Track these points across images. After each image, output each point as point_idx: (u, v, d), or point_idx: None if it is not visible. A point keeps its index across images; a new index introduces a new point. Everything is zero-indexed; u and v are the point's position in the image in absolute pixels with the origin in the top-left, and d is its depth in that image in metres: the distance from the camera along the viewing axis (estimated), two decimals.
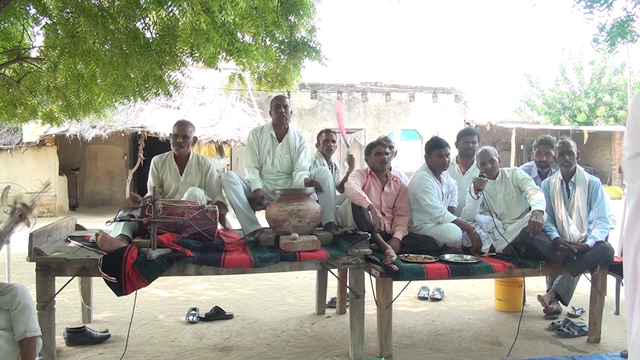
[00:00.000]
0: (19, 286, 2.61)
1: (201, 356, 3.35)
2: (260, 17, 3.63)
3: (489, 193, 3.91)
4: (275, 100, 4.06)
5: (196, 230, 3.29)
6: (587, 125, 17.49)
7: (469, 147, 4.33)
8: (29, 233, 3.04)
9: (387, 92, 16.63)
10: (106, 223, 3.21)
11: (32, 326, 2.55)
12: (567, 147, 3.82)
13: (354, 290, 3.29)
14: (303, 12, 4.09)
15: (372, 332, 3.60)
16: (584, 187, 3.78)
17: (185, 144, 3.92)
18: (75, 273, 3.06)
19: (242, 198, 3.70)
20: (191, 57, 4.08)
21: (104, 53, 3.87)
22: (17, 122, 5.91)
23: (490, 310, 4.47)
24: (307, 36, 4.35)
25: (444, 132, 14.19)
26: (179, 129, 3.93)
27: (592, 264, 3.53)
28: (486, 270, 3.37)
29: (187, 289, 5.17)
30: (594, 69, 18.63)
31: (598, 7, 3.45)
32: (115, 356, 3.28)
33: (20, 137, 11.77)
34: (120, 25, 3.76)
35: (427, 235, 3.76)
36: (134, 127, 11.66)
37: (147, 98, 4.59)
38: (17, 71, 4.99)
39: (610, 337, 3.73)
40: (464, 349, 3.54)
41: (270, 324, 4.03)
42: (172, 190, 3.96)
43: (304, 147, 4.09)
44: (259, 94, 13.77)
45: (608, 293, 3.89)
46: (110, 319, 4.10)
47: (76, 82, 4.43)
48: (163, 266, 3.00)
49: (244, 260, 3.13)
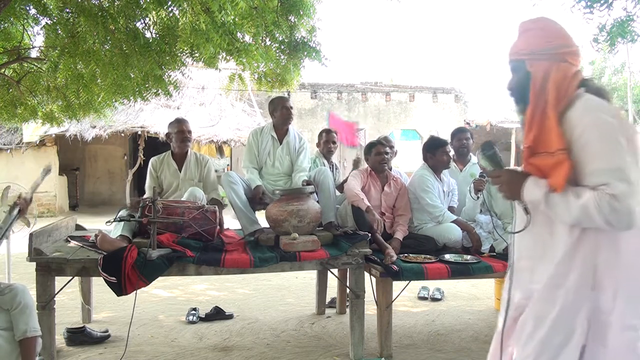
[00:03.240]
0: (20, 286, 2.61)
1: (201, 356, 3.35)
2: (260, 17, 3.63)
3: (490, 193, 3.92)
4: (281, 101, 4.03)
5: (196, 230, 3.29)
6: None
7: (463, 144, 4.38)
8: (29, 233, 3.05)
9: (387, 92, 16.62)
10: (106, 223, 3.21)
11: (33, 326, 2.55)
12: None
13: (354, 290, 3.29)
14: (303, 12, 4.10)
15: (372, 332, 3.60)
16: None
17: (190, 138, 4.02)
18: (75, 273, 3.05)
19: (242, 198, 3.70)
20: (191, 57, 4.08)
21: (104, 53, 3.87)
22: (17, 122, 5.91)
23: (490, 310, 4.46)
24: (307, 36, 4.36)
25: (444, 132, 14.18)
26: (183, 125, 3.99)
27: None
28: (486, 270, 3.37)
29: (187, 289, 5.17)
30: (594, 69, 18.66)
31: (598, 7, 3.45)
32: (115, 356, 3.28)
33: (20, 137, 11.76)
34: (120, 25, 3.76)
35: (427, 235, 3.75)
36: (134, 127, 11.66)
37: (147, 98, 4.59)
38: (17, 71, 4.99)
39: None
40: (464, 349, 3.54)
41: (270, 324, 4.03)
42: (173, 188, 3.99)
43: (304, 147, 4.09)
44: (259, 94, 13.77)
45: None
46: (110, 319, 4.10)
47: (76, 82, 4.43)
48: (163, 266, 3.00)
49: (244, 260, 3.12)
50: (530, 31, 1.62)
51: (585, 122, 1.46)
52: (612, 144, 1.42)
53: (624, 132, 1.45)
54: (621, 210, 1.37)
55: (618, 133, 1.43)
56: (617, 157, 1.41)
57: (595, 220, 1.40)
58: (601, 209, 1.38)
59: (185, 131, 3.97)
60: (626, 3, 3.56)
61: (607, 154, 1.42)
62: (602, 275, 1.46)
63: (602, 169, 1.41)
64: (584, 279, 1.46)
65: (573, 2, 3.49)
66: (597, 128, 1.45)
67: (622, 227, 1.40)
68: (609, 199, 1.38)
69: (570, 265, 1.47)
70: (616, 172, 1.39)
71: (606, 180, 1.39)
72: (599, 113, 1.46)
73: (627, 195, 1.37)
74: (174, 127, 4.00)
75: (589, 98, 1.51)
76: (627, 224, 1.39)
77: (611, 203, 1.37)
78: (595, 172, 1.43)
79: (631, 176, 1.39)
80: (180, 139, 3.96)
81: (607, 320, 1.45)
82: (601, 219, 1.39)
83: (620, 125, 1.45)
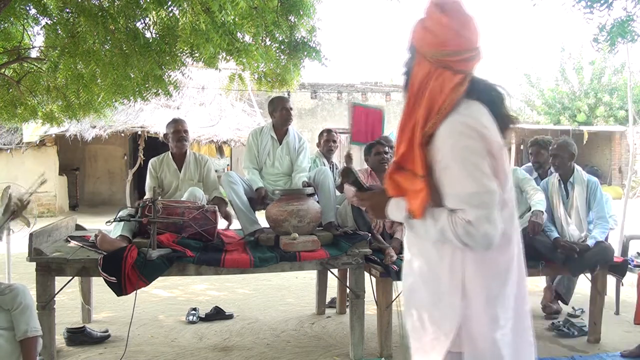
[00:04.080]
0: (20, 286, 2.61)
1: (201, 356, 3.35)
2: (260, 17, 3.63)
3: None
4: (280, 102, 4.02)
5: (196, 230, 3.29)
6: (587, 125, 17.47)
7: None
8: (29, 233, 3.04)
9: (387, 92, 16.62)
10: (106, 223, 3.21)
11: (33, 326, 2.55)
12: (557, 149, 3.80)
13: (354, 290, 3.29)
14: (303, 12, 4.09)
15: (372, 332, 3.60)
16: (583, 187, 3.77)
17: (187, 138, 4.02)
18: (75, 273, 3.06)
19: (242, 198, 3.70)
20: (191, 57, 4.08)
21: (104, 53, 3.86)
22: (17, 122, 5.90)
23: None
24: (307, 36, 4.35)
25: None
26: (179, 125, 4.00)
27: (592, 264, 3.53)
28: None
29: (187, 289, 5.17)
30: (594, 69, 18.61)
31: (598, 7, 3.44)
32: (115, 356, 3.29)
33: (20, 137, 11.76)
34: (120, 25, 3.76)
35: None
36: (134, 127, 11.65)
37: (147, 98, 4.59)
38: (17, 71, 4.99)
39: (610, 337, 3.73)
40: None
41: (270, 324, 4.03)
42: (173, 187, 3.99)
43: (304, 147, 4.09)
44: (259, 94, 13.76)
45: (608, 293, 3.88)
46: (110, 319, 4.10)
47: (76, 82, 4.42)
48: (163, 266, 3.00)
49: (244, 260, 3.13)
50: (442, 28, 1.44)
51: (447, 146, 1.42)
52: (469, 170, 1.39)
53: (490, 149, 1.42)
54: (476, 235, 1.37)
55: (478, 156, 1.40)
56: (473, 183, 1.38)
57: (454, 242, 1.41)
58: (457, 234, 1.39)
59: (181, 131, 3.98)
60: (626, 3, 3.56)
61: (463, 180, 1.39)
62: (470, 285, 1.47)
63: (458, 194, 1.40)
64: (453, 289, 1.48)
65: (573, 2, 3.48)
66: (456, 153, 1.41)
67: (479, 248, 1.42)
68: (464, 224, 1.38)
69: (441, 276, 1.50)
70: (472, 197, 1.38)
71: (462, 205, 1.39)
72: (460, 137, 1.41)
73: (482, 221, 1.37)
74: (171, 127, 4.03)
75: (457, 120, 1.43)
76: (485, 246, 1.40)
77: (466, 228, 1.38)
78: (452, 197, 1.42)
79: (488, 200, 1.39)
80: (177, 139, 3.97)
81: (475, 327, 1.48)
82: (458, 241, 1.40)
83: (485, 147, 1.41)
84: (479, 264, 1.47)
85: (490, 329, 1.47)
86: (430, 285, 1.52)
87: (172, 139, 3.99)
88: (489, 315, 1.47)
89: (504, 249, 1.49)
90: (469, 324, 1.48)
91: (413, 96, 1.50)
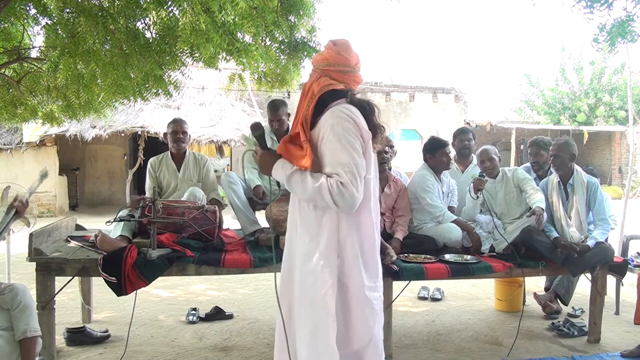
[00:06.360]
0: (20, 286, 2.61)
1: (201, 356, 3.35)
2: (260, 17, 3.63)
3: (489, 192, 3.91)
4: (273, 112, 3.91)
5: (196, 230, 3.29)
6: (587, 125, 17.48)
7: (465, 145, 4.39)
8: (29, 233, 3.04)
9: (387, 92, 16.63)
10: (106, 223, 3.21)
11: (33, 326, 2.55)
12: (557, 150, 3.79)
13: None
14: (303, 12, 4.09)
15: None
16: (583, 188, 3.75)
17: (185, 139, 4.04)
18: (75, 273, 3.06)
19: (242, 198, 3.70)
20: (191, 57, 4.07)
21: (104, 53, 3.86)
22: (17, 122, 5.89)
23: (490, 310, 4.47)
24: (307, 36, 4.34)
25: (444, 132, 14.17)
26: (177, 126, 4.02)
27: (592, 265, 3.53)
28: (486, 270, 3.37)
29: (187, 289, 5.17)
30: (594, 69, 18.62)
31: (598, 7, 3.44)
32: (115, 356, 3.29)
33: (20, 137, 11.75)
34: (120, 25, 3.76)
35: (427, 235, 3.75)
36: (134, 127, 11.64)
37: (147, 98, 4.58)
38: (17, 71, 4.98)
39: (610, 337, 3.73)
40: (464, 349, 3.54)
41: (270, 324, 4.03)
42: (172, 187, 4.01)
43: None
44: (259, 94, 13.77)
45: (608, 293, 3.89)
46: (110, 319, 4.09)
47: (76, 82, 4.42)
48: (163, 266, 3.00)
49: (244, 260, 3.13)
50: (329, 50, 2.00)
51: (328, 125, 1.87)
52: (344, 144, 1.83)
53: (361, 134, 1.87)
54: (346, 194, 1.78)
55: (352, 136, 1.85)
56: (346, 154, 1.82)
57: (326, 199, 1.80)
58: (332, 191, 1.79)
59: (180, 131, 4.00)
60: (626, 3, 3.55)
61: (340, 151, 1.82)
62: (344, 245, 1.89)
63: (335, 162, 1.83)
64: (330, 248, 1.88)
65: (573, 2, 3.48)
66: (335, 131, 1.84)
67: (345, 208, 1.82)
68: (338, 184, 1.79)
69: (319, 237, 1.88)
70: (345, 165, 1.81)
71: (338, 170, 1.81)
72: (339, 119, 1.86)
73: (352, 185, 1.79)
74: (170, 127, 4.06)
75: (338, 108, 1.91)
76: (350, 206, 1.81)
77: (339, 188, 1.78)
78: (330, 164, 1.84)
79: (356, 170, 1.80)
80: (174, 139, 4.00)
81: (348, 282, 1.90)
82: (330, 199, 1.79)
83: (357, 131, 1.86)
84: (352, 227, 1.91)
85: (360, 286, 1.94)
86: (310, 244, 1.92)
87: (171, 139, 4.02)
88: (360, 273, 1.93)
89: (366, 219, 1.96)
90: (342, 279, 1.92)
91: (304, 94, 2.01)
